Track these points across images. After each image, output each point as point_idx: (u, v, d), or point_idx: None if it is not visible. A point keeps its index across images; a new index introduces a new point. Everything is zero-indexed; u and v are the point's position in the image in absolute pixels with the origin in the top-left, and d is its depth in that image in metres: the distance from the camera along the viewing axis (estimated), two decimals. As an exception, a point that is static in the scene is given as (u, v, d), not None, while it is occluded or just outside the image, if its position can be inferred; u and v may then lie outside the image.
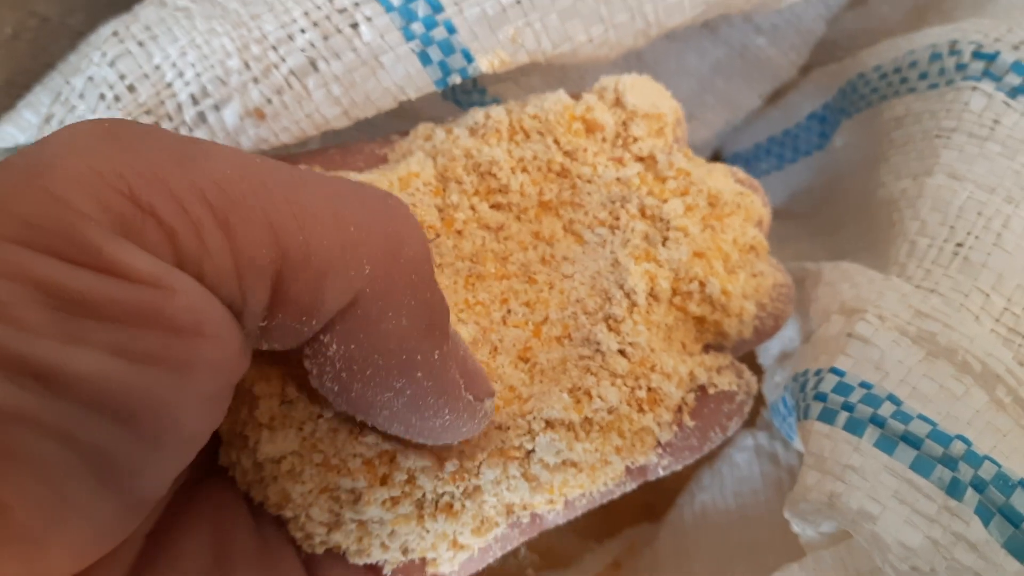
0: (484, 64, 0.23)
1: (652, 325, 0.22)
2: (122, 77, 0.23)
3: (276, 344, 0.17)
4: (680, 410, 0.23)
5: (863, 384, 0.23)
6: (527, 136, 0.24)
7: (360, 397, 0.18)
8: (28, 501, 0.13)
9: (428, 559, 0.22)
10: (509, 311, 0.23)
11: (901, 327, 0.24)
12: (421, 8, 0.23)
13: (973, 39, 0.28)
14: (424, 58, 0.23)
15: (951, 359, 0.23)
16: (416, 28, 0.23)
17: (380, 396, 0.17)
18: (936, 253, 0.25)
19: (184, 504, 0.19)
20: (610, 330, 0.22)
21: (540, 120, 0.24)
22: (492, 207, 0.24)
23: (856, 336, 0.24)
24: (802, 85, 0.37)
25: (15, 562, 0.12)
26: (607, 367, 0.22)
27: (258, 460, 0.20)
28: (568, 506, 0.22)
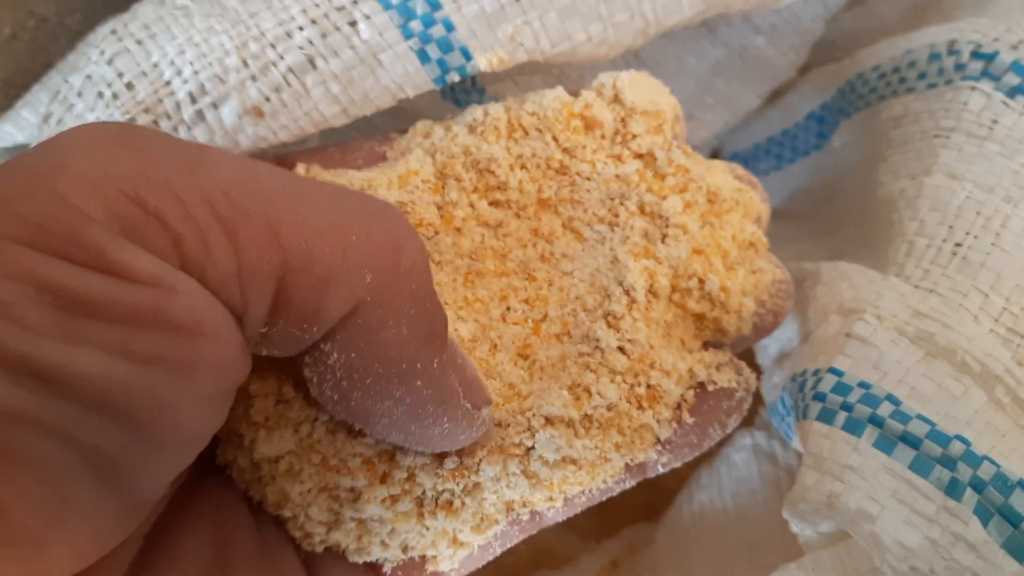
0: (483, 62, 0.23)
1: (651, 322, 0.22)
2: (120, 75, 0.23)
3: (276, 351, 0.17)
4: (679, 407, 0.23)
5: (862, 384, 0.23)
6: (526, 133, 0.24)
7: (360, 406, 0.18)
8: (28, 502, 0.13)
9: (428, 557, 0.22)
10: (508, 308, 0.23)
11: (900, 327, 0.24)
12: (419, 6, 0.23)
13: (972, 39, 0.28)
14: (422, 56, 0.23)
15: (950, 359, 0.23)
16: (414, 26, 0.23)
17: (380, 404, 0.18)
18: (935, 253, 0.25)
19: (184, 504, 0.19)
20: (609, 327, 0.22)
21: (539, 117, 0.24)
22: (491, 204, 0.24)
23: (855, 336, 0.24)
24: (801, 85, 0.37)
25: (14, 563, 0.13)
26: (607, 364, 0.21)
27: (255, 460, 0.20)
28: (568, 504, 0.22)
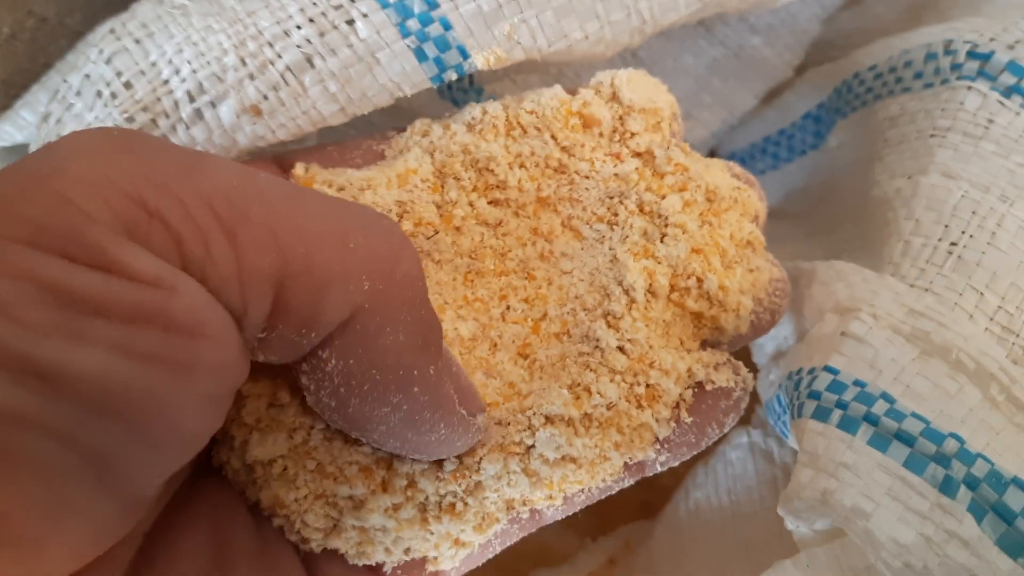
0: (480, 61, 0.23)
1: (650, 322, 0.22)
2: (119, 74, 0.23)
3: (274, 357, 0.17)
4: (678, 406, 0.23)
5: (857, 382, 0.23)
6: (524, 132, 0.24)
7: (357, 413, 0.18)
8: (27, 503, 0.13)
9: (429, 557, 0.22)
10: (508, 307, 0.23)
11: (895, 326, 0.24)
12: (417, 4, 0.23)
13: (968, 38, 0.28)
14: (420, 54, 0.23)
15: (945, 357, 0.23)
16: (412, 24, 0.23)
17: (377, 411, 0.18)
18: (930, 252, 0.26)
19: (183, 503, 0.19)
20: (609, 327, 0.22)
21: (537, 116, 0.24)
22: (490, 203, 0.24)
23: (850, 335, 0.24)
24: (797, 85, 0.37)
25: (13, 564, 0.13)
26: (606, 363, 0.22)
27: (247, 462, 0.20)
28: (567, 502, 0.22)
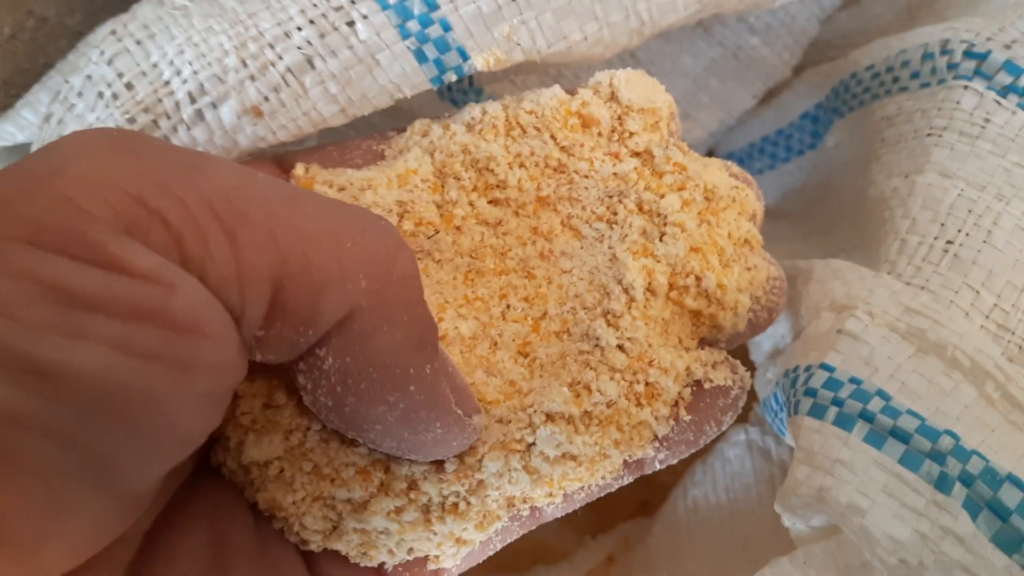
0: (479, 62, 0.24)
1: (650, 320, 0.22)
2: (120, 75, 0.23)
3: (271, 356, 0.17)
4: (676, 404, 0.23)
5: (853, 380, 0.23)
6: (524, 131, 0.24)
7: (354, 411, 0.18)
8: (26, 503, 0.13)
9: (431, 555, 0.22)
10: (508, 306, 0.23)
11: (891, 323, 0.24)
12: (416, 6, 0.23)
13: (964, 38, 0.28)
14: (420, 56, 0.23)
15: (940, 355, 0.23)
16: (412, 26, 0.23)
17: (374, 410, 0.18)
18: (926, 250, 0.26)
19: (183, 503, 0.19)
20: (609, 325, 0.22)
21: (536, 115, 0.24)
22: (490, 203, 0.24)
23: (846, 332, 0.24)
24: (795, 85, 0.37)
25: (12, 564, 0.13)
26: (606, 362, 0.22)
27: (243, 463, 0.20)
28: (567, 499, 0.23)
